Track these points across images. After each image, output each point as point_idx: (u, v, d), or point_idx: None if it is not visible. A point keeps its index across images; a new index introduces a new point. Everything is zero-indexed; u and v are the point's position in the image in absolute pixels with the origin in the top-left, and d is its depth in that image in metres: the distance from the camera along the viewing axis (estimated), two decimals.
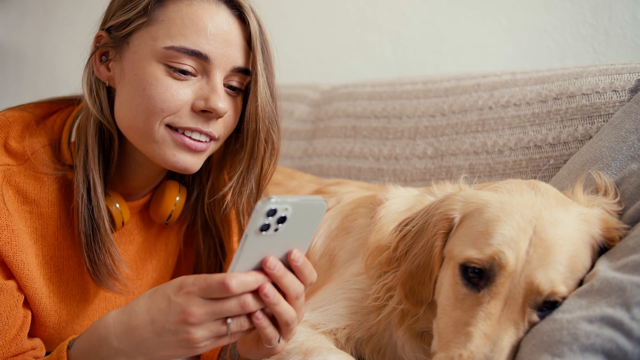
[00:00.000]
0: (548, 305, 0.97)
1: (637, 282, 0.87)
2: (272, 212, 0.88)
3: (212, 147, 1.21)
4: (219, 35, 1.14)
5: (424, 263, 1.12)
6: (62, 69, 3.47)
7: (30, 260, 1.15)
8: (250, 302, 0.93)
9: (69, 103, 1.29)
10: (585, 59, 1.93)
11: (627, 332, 0.82)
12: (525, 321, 0.97)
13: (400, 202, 1.32)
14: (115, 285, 1.21)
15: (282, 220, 0.90)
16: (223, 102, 1.14)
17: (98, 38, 1.19)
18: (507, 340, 0.95)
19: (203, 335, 0.93)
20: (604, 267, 0.95)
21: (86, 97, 1.17)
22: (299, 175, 1.82)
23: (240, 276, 0.91)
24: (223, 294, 0.91)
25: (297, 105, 2.22)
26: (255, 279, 0.93)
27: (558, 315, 0.91)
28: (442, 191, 1.26)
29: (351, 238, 1.38)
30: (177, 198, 1.32)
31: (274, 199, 0.87)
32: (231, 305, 0.92)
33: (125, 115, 1.15)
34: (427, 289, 1.10)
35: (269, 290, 0.94)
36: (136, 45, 1.13)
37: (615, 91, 1.41)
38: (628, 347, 0.81)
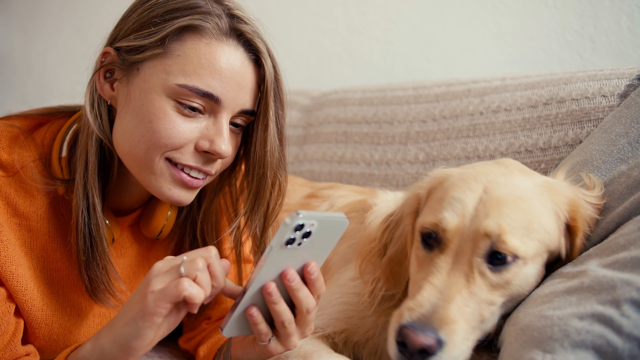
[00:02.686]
0: (499, 259, 1.00)
1: (626, 279, 0.88)
2: (299, 227, 0.90)
3: (207, 181, 1.20)
4: (232, 79, 1.12)
5: (401, 245, 1.17)
6: (50, 76, 3.44)
7: (22, 272, 1.14)
8: (212, 252, 0.96)
9: (59, 115, 1.26)
10: (571, 65, 1.96)
11: (617, 329, 0.84)
12: (475, 272, 1.01)
13: (387, 205, 1.34)
14: (109, 300, 1.20)
15: (307, 235, 0.92)
16: (227, 145, 1.13)
17: (105, 54, 1.15)
18: (456, 290, 0.99)
19: (157, 281, 0.94)
20: (594, 265, 0.96)
21: (88, 113, 1.13)
22: (291, 178, 1.82)
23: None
24: (204, 253, 0.97)
25: (287, 111, 2.21)
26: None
27: (549, 312, 0.93)
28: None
29: (344, 244, 1.40)
30: (169, 213, 1.31)
31: (302, 215, 0.89)
32: (200, 252, 0.97)
33: (125, 141, 1.13)
34: (404, 268, 1.15)
35: (273, 289, 0.97)
36: (147, 75, 1.10)
37: (604, 96, 1.44)
38: (618, 343, 0.83)
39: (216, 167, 1.18)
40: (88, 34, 1.20)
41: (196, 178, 1.15)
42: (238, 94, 1.13)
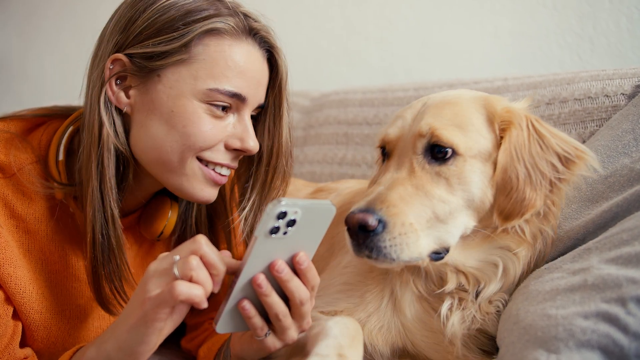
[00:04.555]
0: (441, 153, 1.07)
1: (631, 276, 0.87)
2: (282, 215, 0.89)
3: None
4: (254, 77, 1.15)
5: None
6: (47, 79, 3.42)
7: (20, 274, 1.13)
8: (204, 246, 0.93)
9: (54, 117, 1.25)
10: (570, 66, 1.96)
11: (623, 327, 0.83)
12: (417, 167, 1.08)
13: None
14: (118, 310, 1.19)
15: (291, 223, 0.90)
16: (255, 141, 1.18)
17: (114, 62, 1.12)
18: (399, 182, 1.06)
19: (153, 285, 0.92)
20: (596, 261, 0.96)
21: (106, 126, 1.11)
22: (292, 180, 1.81)
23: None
24: (192, 248, 0.94)
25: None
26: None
27: (552, 310, 0.92)
28: None
29: None
30: (169, 214, 1.31)
31: (284, 202, 0.88)
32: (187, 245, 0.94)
33: (153, 148, 1.13)
34: None
35: (263, 281, 0.95)
36: (172, 81, 1.11)
37: (607, 96, 1.44)
38: (624, 342, 0.82)
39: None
40: (86, 37, 1.18)
41: (224, 175, 1.18)
42: (258, 90, 1.17)
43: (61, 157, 1.17)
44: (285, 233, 0.91)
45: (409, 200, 1.04)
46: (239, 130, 1.16)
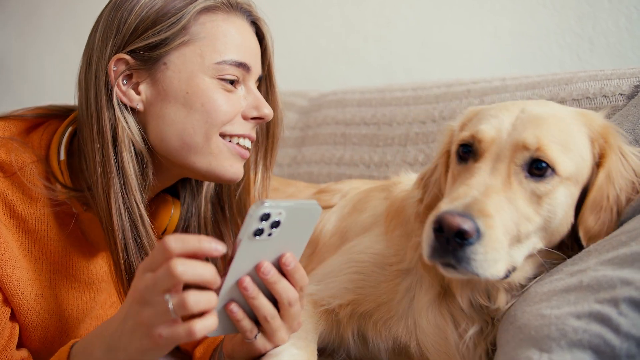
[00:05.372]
0: (539, 169, 1.00)
1: (625, 278, 0.87)
2: (265, 217, 0.88)
3: None
4: (250, 47, 1.20)
5: (436, 189, 1.18)
6: (47, 79, 3.42)
7: (19, 274, 1.13)
8: (178, 267, 0.82)
9: (53, 116, 1.26)
10: (570, 66, 1.95)
11: (614, 328, 0.83)
12: (513, 179, 1.00)
13: (411, 182, 1.34)
14: None
15: (276, 224, 0.89)
16: (269, 108, 1.21)
17: (117, 62, 1.13)
18: (493, 190, 0.98)
19: (150, 314, 0.85)
20: (593, 263, 0.95)
21: (123, 125, 1.12)
22: (294, 182, 1.81)
23: (180, 235, 0.85)
24: (164, 256, 0.84)
25: (285, 112, 2.18)
26: (198, 239, 0.85)
27: (547, 310, 0.92)
28: None
29: (365, 214, 1.39)
30: (172, 211, 1.31)
31: (268, 203, 0.87)
32: (161, 273, 0.83)
33: (175, 135, 1.14)
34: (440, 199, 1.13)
35: (249, 284, 0.93)
36: (180, 65, 1.14)
37: (605, 96, 1.44)
38: (616, 342, 0.82)
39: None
40: (85, 37, 1.19)
41: (247, 148, 1.21)
42: (257, 60, 1.22)
43: (62, 156, 1.17)
44: (270, 234, 0.90)
45: (502, 214, 0.97)
46: (252, 100, 1.19)
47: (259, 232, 0.89)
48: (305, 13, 2.58)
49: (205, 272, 0.85)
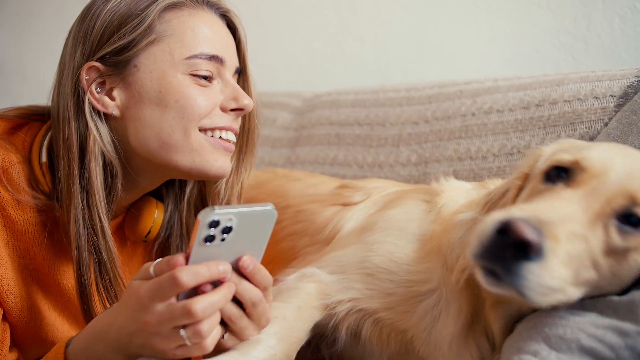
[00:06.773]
0: (632, 223, 0.90)
1: None
2: (214, 224, 0.87)
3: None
4: (221, 40, 1.19)
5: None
6: (44, 81, 3.40)
7: (7, 274, 1.12)
8: (197, 306, 0.86)
9: (34, 117, 1.26)
10: (565, 67, 1.95)
11: (631, 346, 0.81)
12: (599, 222, 0.90)
13: (458, 193, 1.26)
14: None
15: (227, 230, 0.88)
16: (248, 99, 1.20)
17: (88, 71, 1.14)
18: (573, 221, 0.88)
19: (163, 343, 0.90)
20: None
21: (94, 133, 1.12)
22: (318, 175, 1.75)
23: (191, 267, 0.87)
24: (175, 289, 0.87)
25: (279, 113, 2.21)
26: (208, 269, 0.88)
27: (568, 314, 0.91)
28: (495, 185, 1.22)
29: (397, 209, 1.30)
30: (156, 214, 1.30)
31: (217, 210, 0.86)
32: (179, 312, 0.87)
33: (152, 135, 1.14)
34: None
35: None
36: (149, 64, 1.13)
37: (596, 98, 1.43)
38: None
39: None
40: None
41: (230, 141, 1.21)
42: (231, 52, 1.22)
43: (44, 158, 1.17)
44: (223, 240, 0.89)
45: (573, 245, 0.88)
46: (230, 92, 1.19)
47: (209, 239, 0.88)
48: (300, 15, 2.58)
49: (221, 301, 0.90)
